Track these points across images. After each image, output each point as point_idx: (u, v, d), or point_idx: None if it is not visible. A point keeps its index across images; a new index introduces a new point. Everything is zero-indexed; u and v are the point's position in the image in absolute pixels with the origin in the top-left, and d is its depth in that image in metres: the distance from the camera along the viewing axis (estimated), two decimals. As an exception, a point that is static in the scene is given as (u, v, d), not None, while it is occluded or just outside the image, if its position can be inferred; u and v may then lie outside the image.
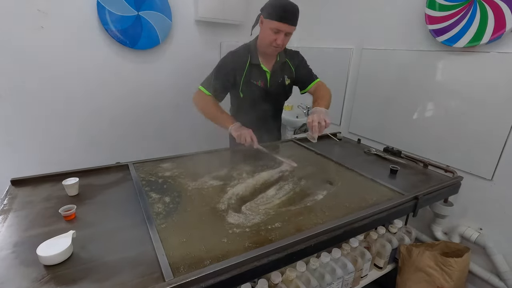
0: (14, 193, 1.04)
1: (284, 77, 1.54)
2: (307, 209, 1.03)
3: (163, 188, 1.12)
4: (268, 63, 1.48)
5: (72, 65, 1.82)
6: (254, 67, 1.44)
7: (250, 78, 1.44)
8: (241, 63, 1.42)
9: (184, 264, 0.73)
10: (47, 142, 1.87)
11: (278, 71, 1.51)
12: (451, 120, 1.62)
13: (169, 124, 2.32)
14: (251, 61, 1.42)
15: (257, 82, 1.46)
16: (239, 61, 1.43)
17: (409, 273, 1.41)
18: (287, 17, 1.28)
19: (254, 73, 1.45)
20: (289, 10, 1.28)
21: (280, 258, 0.80)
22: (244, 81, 1.44)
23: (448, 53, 1.59)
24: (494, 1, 1.36)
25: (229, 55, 1.45)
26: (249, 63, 1.43)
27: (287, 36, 1.35)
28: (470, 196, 1.57)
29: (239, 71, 1.43)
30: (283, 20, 1.27)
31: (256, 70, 1.45)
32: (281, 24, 1.28)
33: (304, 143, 1.72)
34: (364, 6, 2.04)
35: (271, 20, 1.29)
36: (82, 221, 0.90)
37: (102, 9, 1.78)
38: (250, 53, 1.43)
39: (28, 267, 0.70)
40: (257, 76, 1.46)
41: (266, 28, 1.33)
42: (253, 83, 1.46)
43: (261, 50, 1.43)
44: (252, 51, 1.43)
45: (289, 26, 1.30)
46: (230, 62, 1.43)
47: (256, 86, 1.46)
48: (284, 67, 1.53)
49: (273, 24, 1.29)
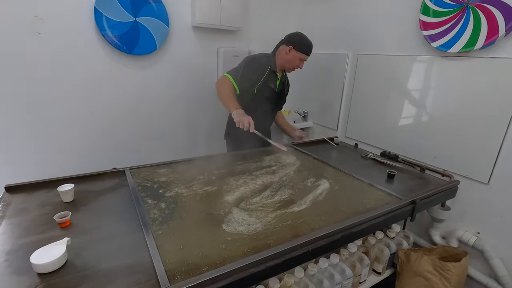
0: (8, 199, 1.02)
1: (285, 86, 1.94)
2: (304, 214, 1.03)
3: (159, 194, 1.11)
4: (279, 73, 1.85)
5: (69, 71, 1.82)
6: (272, 73, 1.78)
7: (267, 80, 1.76)
8: (264, 67, 1.75)
9: (181, 271, 0.72)
10: (42, 148, 1.85)
11: (283, 81, 1.89)
12: (447, 124, 1.63)
13: (166, 129, 2.31)
14: (271, 68, 1.76)
15: (271, 84, 1.79)
16: (263, 65, 1.76)
17: (408, 278, 1.41)
18: (310, 52, 1.76)
19: (271, 77, 1.79)
20: (311, 47, 1.75)
21: (278, 264, 0.79)
22: (263, 81, 1.74)
23: (443, 58, 1.61)
24: (486, 7, 1.38)
25: (257, 59, 1.78)
26: (269, 69, 1.75)
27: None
28: (467, 200, 1.57)
29: (262, 72, 1.74)
30: (308, 53, 1.75)
31: (272, 76, 1.79)
32: (306, 56, 1.76)
33: (301, 148, 1.73)
34: (359, 12, 2.06)
35: (301, 53, 1.72)
36: (77, 228, 0.89)
37: (99, 15, 1.79)
38: (271, 62, 1.78)
39: (21, 275, 0.69)
40: (272, 80, 1.80)
41: (295, 57, 1.73)
42: (268, 85, 1.78)
43: (280, 65, 1.79)
44: (272, 62, 1.78)
45: (307, 57, 1.77)
46: (257, 63, 1.75)
47: (269, 87, 1.79)
48: (285, 80, 1.93)
49: (302, 56, 1.73)
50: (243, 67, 1.72)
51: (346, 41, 2.19)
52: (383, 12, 1.90)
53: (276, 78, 1.81)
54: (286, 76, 1.93)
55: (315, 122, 2.59)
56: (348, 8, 2.16)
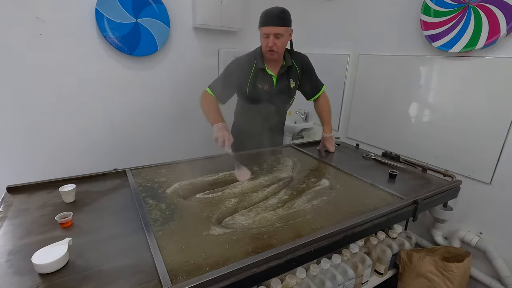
0: (9, 200, 1.02)
1: (289, 80, 1.59)
2: (306, 214, 1.02)
3: (160, 194, 1.11)
4: (274, 68, 1.54)
5: (70, 72, 1.82)
6: (259, 72, 1.52)
7: (256, 82, 1.52)
8: (247, 68, 1.50)
9: (183, 271, 0.72)
10: (44, 149, 1.85)
11: (284, 75, 1.57)
12: (448, 124, 1.62)
13: (167, 130, 2.31)
14: (256, 65, 1.50)
15: (262, 85, 1.53)
16: (244, 67, 1.50)
17: (410, 278, 1.40)
18: (270, 20, 1.38)
19: (260, 77, 1.52)
20: (271, 13, 1.39)
21: (280, 264, 0.78)
22: (251, 84, 1.51)
23: (444, 58, 1.60)
24: (487, 6, 1.38)
25: (235, 61, 1.53)
26: (254, 67, 1.50)
27: (278, 38, 1.41)
28: (470, 201, 1.56)
29: (245, 76, 1.50)
30: (266, 24, 1.39)
31: (261, 74, 1.52)
32: (266, 27, 1.39)
33: (302, 148, 1.72)
34: (360, 12, 2.06)
35: (260, 27, 1.42)
36: (79, 228, 0.89)
37: (101, 16, 1.79)
38: (256, 58, 1.51)
39: (22, 276, 0.68)
40: (263, 80, 1.53)
41: (260, 37, 1.46)
42: (259, 87, 1.53)
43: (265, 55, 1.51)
44: (258, 57, 1.51)
45: (274, 27, 1.38)
46: (235, 67, 1.51)
47: (261, 89, 1.53)
48: (290, 70, 1.58)
49: (261, 30, 1.42)
50: (221, 77, 1.53)
51: (347, 42, 2.19)
52: (384, 13, 1.90)
53: (268, 75, 1.53)
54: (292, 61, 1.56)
55: (316, 123, 2.59)
56: (349, 8, 2.16)
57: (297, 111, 2.67)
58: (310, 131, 2.67)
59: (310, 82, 1.67)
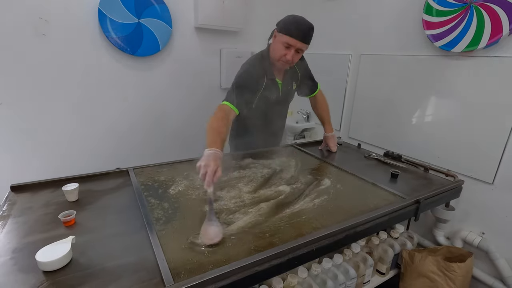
0: (13, 199, 1.03)
1: (292, 82, 1.55)
2: (307, 214, 1.02)
3: (162, 193, 1.12)
4: (279, 73, 1.49)
5: (73, 72, 1.84)
6: (269, 81, 1.43)
7: (265, 92, 1.43)
8: (259, 79, 1.40)
9: (185, 270, 0.72)
10: (47, 148, 1.87)
11: (287, 79, 1.52)
12: (450, 124, 1.62)
13: (169, 129, 2.32)
14: (267, 76, 1.41)
15: (271, 95, 1.46)
16: (257, 77, 1.40)
17: (412, 278, 1.40)
18: (299, 33, 1.27)
19: (270, 87, 1.44)
20: (302, 27, 1.28)
21: (282, 263, 0.79)
22: (260, 95, 1.43)
23: (446, 58, 1.60)
24: (490, 6, 1.38)
25: (247, 72, 1.40)
26: (265, 79, 1.41)
27: (298, 53, 1.34)
28: (472, 200, 1.56)
29: (258, 87, 1.41)
30: (294, 36, 1.27)
31: (271, 84, 1.44)
32: (292, 39, 1.27)
33: (304, 148, 1.72)
34: (362, 12, 2.06)
35: (284, 34, 1.29)
36: (82, 226, 0.89)
37: (103, 16, 1.80)
38: (265, 67, 1.41)
39: (26, 273, 0.69)
40: (272, 90, 1.45)
41: (278, 42, 1.32)
42: (268, 97, 1.45)
43: (272, 62, 1.43)
44: (266, 64, 1.41)
45: (300, 42, 1.28)
46: (249, 78, 1.38)
47: (269, 99, 1.46)
48: (292, 73, 1.54)
49: (284, 38, 1.28)
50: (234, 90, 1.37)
51: (349, 41, 2.18)
52: (386, 12, 1.89)
53: (277, 84, 1.47)
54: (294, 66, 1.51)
55: (318, 123, 2.58)
56: (350, 8, 2.15)
57: (299, 111, 2.67)
58: (311, 131, 2.67)
59: (308, 81, 1.64)
